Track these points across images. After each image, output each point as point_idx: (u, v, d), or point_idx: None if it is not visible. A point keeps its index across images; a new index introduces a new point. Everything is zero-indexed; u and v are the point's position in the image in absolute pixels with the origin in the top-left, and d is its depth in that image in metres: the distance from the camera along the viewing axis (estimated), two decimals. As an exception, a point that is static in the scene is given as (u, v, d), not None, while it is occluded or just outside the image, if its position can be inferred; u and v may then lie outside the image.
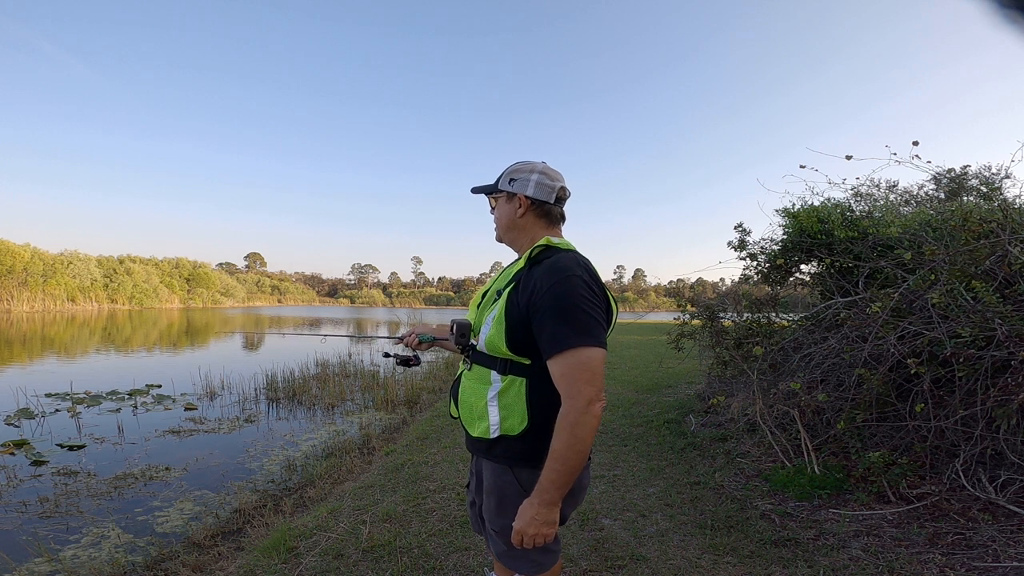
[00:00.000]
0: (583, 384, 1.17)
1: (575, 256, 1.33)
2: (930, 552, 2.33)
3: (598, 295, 1.27)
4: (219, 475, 4.43)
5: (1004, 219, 3.02)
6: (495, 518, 1.39)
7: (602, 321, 1.25)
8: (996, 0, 0.51)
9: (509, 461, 1.34)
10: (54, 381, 8.49)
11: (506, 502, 1.35)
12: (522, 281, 1.31)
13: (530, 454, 1.30)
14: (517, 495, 1.33)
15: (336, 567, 2.45)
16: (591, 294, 1.24)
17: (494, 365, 1.33)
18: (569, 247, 1.38)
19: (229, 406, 7.13)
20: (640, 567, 2.41)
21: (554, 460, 1.18)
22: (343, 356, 11.67)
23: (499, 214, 1.46)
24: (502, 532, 1.37)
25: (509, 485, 1.35)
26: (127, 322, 26.75)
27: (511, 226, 1.43)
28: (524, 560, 1.38)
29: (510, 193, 1.42)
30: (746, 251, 4.92)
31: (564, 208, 1.46)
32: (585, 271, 1.28)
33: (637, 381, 7.97)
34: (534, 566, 1.38)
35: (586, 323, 1.20)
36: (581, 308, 1.21)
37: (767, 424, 3.70)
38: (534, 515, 1.21)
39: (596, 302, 1.25)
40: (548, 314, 1.21)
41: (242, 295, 65.62)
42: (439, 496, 3.31)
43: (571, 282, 1.23)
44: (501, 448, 1.33)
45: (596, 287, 1.28)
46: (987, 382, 2.65)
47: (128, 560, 2.93)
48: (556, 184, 1.41)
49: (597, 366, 1.19)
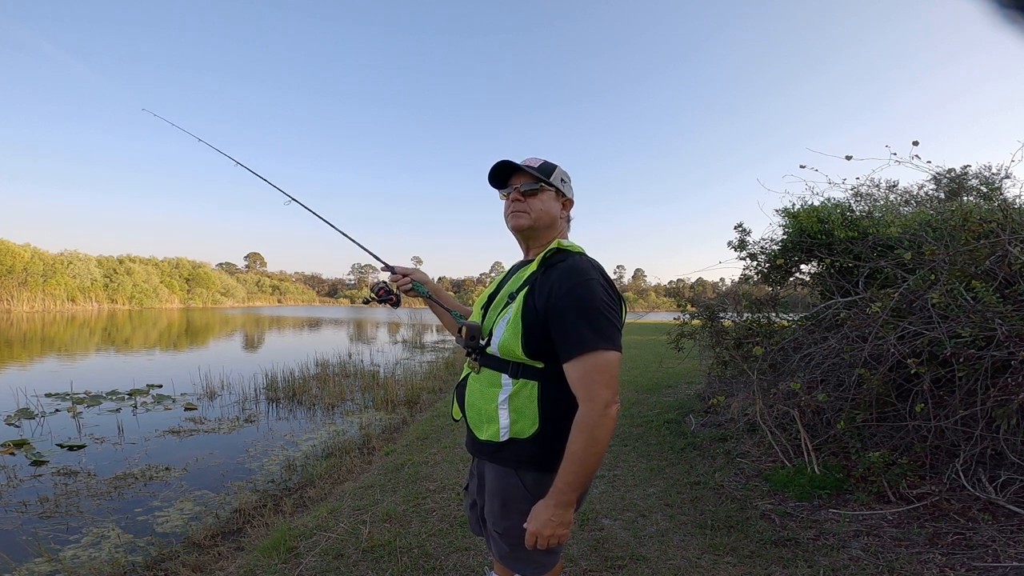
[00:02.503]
0: (601, 387, 1.19)
1: (589, 259, 1.35)
2: (930, 552, 2.33)
3: (614, 299, 1.29)
4: (219, 475, 4.43)
5: (1004, 219, 3.02)
6: (498, 520, 1.39)
7: (618, 325, 1.27)
8: (996, 0, 0.51)
9: (516, 464, 1.34)
10: (54, 381, 8.49)
11: (510, 504, 1.35)
12: (537, 284, 1.31)
13: (538, 458, 1.31)
14: (521, 498, 1.33)
15: (336, 567, 2.45)
16: (608, 298, 1.26)
17: (505, 368, 1.32)
18: (579, 250, 1.39)
19: (229, 406, 7.13)
20: (640, 567, 2.41)
21: (571, 462, 1.19)
22: (343, 356, 11.67)
23: (545, 207, 1.42)
24: (505, 534, 1.37)
25: (514, 488, 1.35)
26: (127, 322, 26.75)
27: (552, 223, 1.44)
28: (527, 562, 1.38)
29: (559, 191, 1.43)
30: (746, 251, 4.92)
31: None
32: (601, 274, 1.30)
33: (637, 381, 7.96)
34: (537, 567, 1.38)
35: (605, 326, 1.22)
36: (600, 311, 1.22)
37: (767, 424, 3.70)
38: (550, 517, 1.21)
39: (613, 306, 1.27)
40: (568, 316, 1.22)
41: (242, 295, 65.61)
42: (439, 496, 3.31)
43: (590, 285, 1.25)
44: (509, 451, 1.33)
45: (612, 291, 1.29)
46: (987, 382, 2.65)
47: (128, 560, 2.93)
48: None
49: (614, 369, 1.21)
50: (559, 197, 1.44)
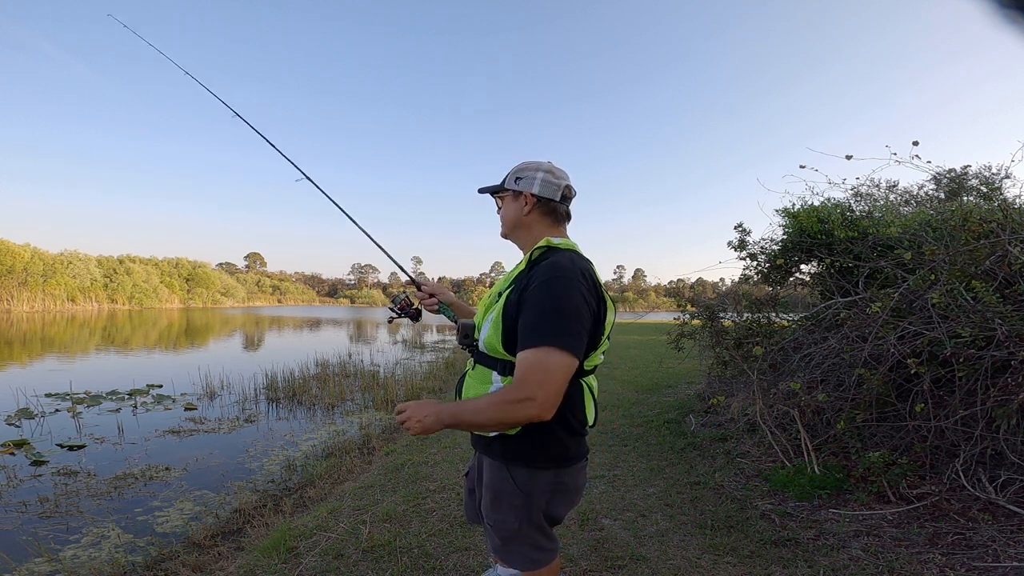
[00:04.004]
0: (532, 384, 1.17)
1: (574, 257, 1.33)
2: (930, 552, 2.33)
3: (589, 301, 1.26)
4: (219, 475, 4.43)
5: (1004, 219, 3.02)
6: (491, 512, 1.42)
7: (584, 330, 1.23)
8: (996, 0, 0.51)
9: (505, 459, 1.36)
10: (54, 381, 8.49)
11: (501, 498, 1.38)
12: (521, 282, 1.32)
13: (525, 453, 1.33)
14: (511, 493, 1.36)
15: (336, 567, 2.45)
16: (581, 299, 1.23)
17: (495, 366, 1.34)
18: (570, 247, 1.38)
19: (229, 406, 7.13)
20: (640, 567, 2.41)
21: (470, 410, 1.25)
22: (343, 356, 11.67)
23: (505, 212, 1.48)
24: (496, 527, 1.41)
25: (505, 482, 1.37)
26: (127, 322, 26.75)
27: (517, 224, 1.45)
28: (519, 556, 1.41)
29: (516, 191, 1.43)
30: (746, 251, 4.92)
31: (570, 207, 1.47)
32: (581, 274, 1.28)
33: (637, 381, 7.97)
34: (528, 562, 1.41)
35: (562, 326, 1.20)
36: (563, 310, 1.21)
37: (767, 424, 3.70)
38: (423, 413, 1.26)
39: (584, 309, 1.24)
40: (533, 308, 1.22)
41: (242, 295, 65.59)
42: (439, 496, 3.31)
43: (562, 282, 1.24)
44: (499, 446, 1.36)
45: (590, 292, 1.27)
46: (987, 382, 2.65)
47: (128, 560, 2.93)
48: (561, 182, 1.42)
49: (556, 372, 1.18)
50: (516, 196, 1.44)
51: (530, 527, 1.38)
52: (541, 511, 1.37)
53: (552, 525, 1.44)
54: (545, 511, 1.38)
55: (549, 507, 1.38)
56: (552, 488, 1.36)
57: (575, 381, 1.30)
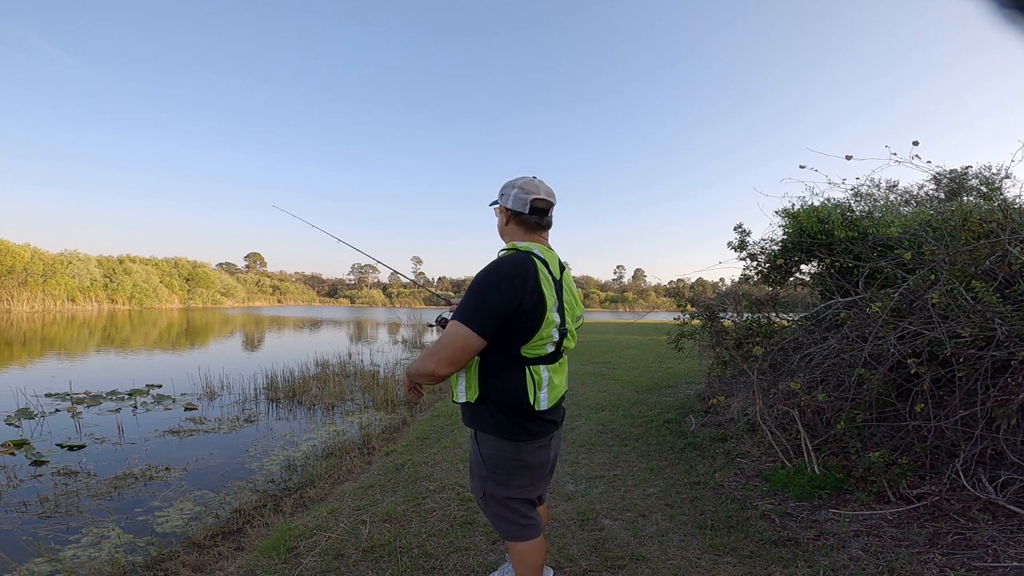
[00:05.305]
0: (438, 350, 1.49)
1: (519, 256, 1.56)
2: (930, 552, 2.33)
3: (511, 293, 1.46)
4: (219, 475, 4.43)
5: (1004, 219, 3.02)
6: (470, 480, 1.76)
7: (493, 312, 1.45)
8: (996, 0, 0.51)
9: (472, 424, 1.67)
10: (54, 381, 8.48)
11: (472, 469, 1.71)
12: None
13: (484, 419, 1.61)
14: (477, 463, 1.68)
15: (336, 567, 2.45)
16: (500, 290, 1.46)
17: None
18: (526, 249, 1.59)
19: (229, 406, 7.13)
20: (640, 567, 2.41)
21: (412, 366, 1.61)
22: (343, 356, 11.67)
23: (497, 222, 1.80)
24: (473, 492, 1.75)
25: (474, 451, 1.68)
26: (127, 322, 26.74)
27: (501, 232, 1.77)
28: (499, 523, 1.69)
29: (500, 206, 1.75)
30: (746, 251, 4.92)
31: (550, 216, 1.71)
32: (512, 267, 1.50)
33: (637, 381, 7.96)
34: (507, 533, 1.69)
35: (474, 307, 1.46)
36: (479, 294, 1.47)
37: (767, 424, 3.70)
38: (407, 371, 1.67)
39: (498, 297, 1.45)
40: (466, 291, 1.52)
41: (242, 295, 65.51)
42: (439, 496, 3.31)
43: (486, 274, 1.50)
44: (467, 413, 1.67)
45: (519, 286, 1.47)
46: (987, 382, 2.65)
47: (128, 560, 2.93)
48: (529, 197, 1.64)
49: (457, 343, 1.45)
50: (500, 210, 1.75)
51: (495, 502, 1.65)
52: (502, 484, 1.63)
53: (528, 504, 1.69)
54: (508, 484, 1.63)
55: (511, 480, 1.63)
56: (510, 463, 1.61)
57: (519, 368, 1.54)
